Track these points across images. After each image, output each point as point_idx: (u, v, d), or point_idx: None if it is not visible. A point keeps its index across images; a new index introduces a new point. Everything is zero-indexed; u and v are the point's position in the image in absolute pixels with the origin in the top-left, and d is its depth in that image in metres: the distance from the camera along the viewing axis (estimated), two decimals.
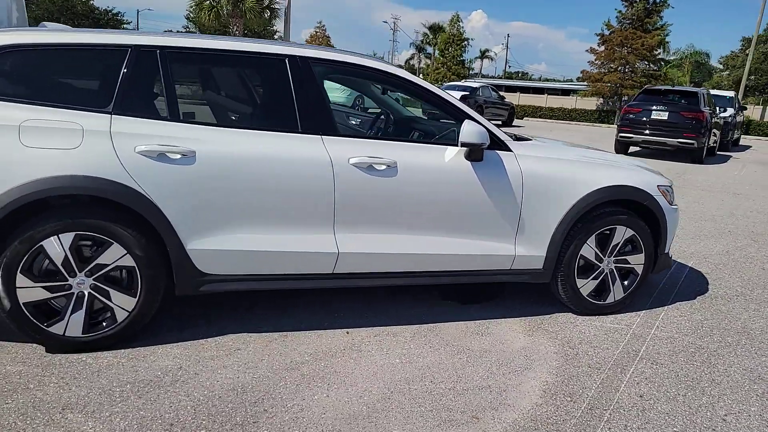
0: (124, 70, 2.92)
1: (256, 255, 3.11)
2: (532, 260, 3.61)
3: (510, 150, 3.51)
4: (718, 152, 16.80)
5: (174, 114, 3.00)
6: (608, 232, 3.72)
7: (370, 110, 5.76)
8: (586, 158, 3.80)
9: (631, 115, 15.26)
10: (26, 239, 2.74)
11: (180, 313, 3.43)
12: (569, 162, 3.68)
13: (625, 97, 32.13)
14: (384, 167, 3.23)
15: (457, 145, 3.38)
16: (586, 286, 3.75)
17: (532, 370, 3.05)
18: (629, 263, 3.83)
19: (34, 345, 2.95)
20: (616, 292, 3.83)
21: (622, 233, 3.74)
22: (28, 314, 2.82)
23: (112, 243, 2.87)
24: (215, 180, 2.97)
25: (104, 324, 2.96)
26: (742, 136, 22.15)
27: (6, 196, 2.66)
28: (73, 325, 2.88)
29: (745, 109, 24.15)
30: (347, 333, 3.38)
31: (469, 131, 3.26)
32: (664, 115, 14.64)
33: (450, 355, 3.18)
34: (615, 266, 3.80)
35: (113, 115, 2.88)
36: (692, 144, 13.88)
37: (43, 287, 2.82)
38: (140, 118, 2.93)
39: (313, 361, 3.01)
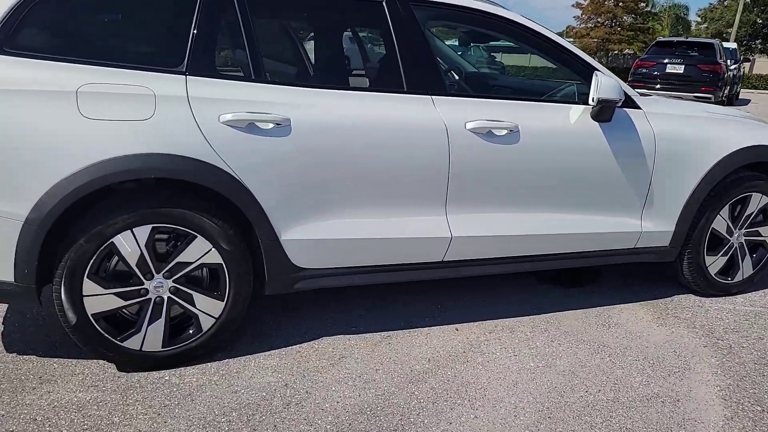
0: (197, 17, 2.31)
1: (358, 244, 2.58)
2: (658, 237, 3.13)
3: (639, 107, 2.99)
4: None
5: (260, 72, 2.41)
6: (742, 200, 3.25)
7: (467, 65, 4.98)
8: (720, 115, 3.30)
9: (644, 69, 14.76)
10: (94, 236, 2.18)
11: (252, 315, 2.92)
12: (704, 120, 3.17)
13: (615, 52, 31.56)
14: (504, 132, 2.69)
15: (579, 103, 2.85)
16: (715, 263, 3.29)
17: (692, 371, 2.60)
18: (761, 235, 3.38)
19: (101, 362, 2.42)
20: (745, 269, 3.38)
21: (757, 201, 3.26)
22: (98, 328, 2.28)
23: (196, 236, 2.32)
24: (314, 154, 2.41)
25: (188, 334, 2.43)
26: None
27: (66, 184, 2.09)
28: (152, 337, 2.36)
29: (748, 61, 23.74)
30: (457, 330, 2.90)
31: (606, 85, 2.72)
32: (680, 69, 14.17)
33: (588, 354, 2.72)
34: (745, 239, 3.34)
35: (188, 76, 2.28)
36: (710, 98, 13.41)
37: (115, 294, 2.27)
38: (221, 79, 2.34)
39: (436, 369, 2.53)
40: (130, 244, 2.23)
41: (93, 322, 2.26)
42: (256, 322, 2.83)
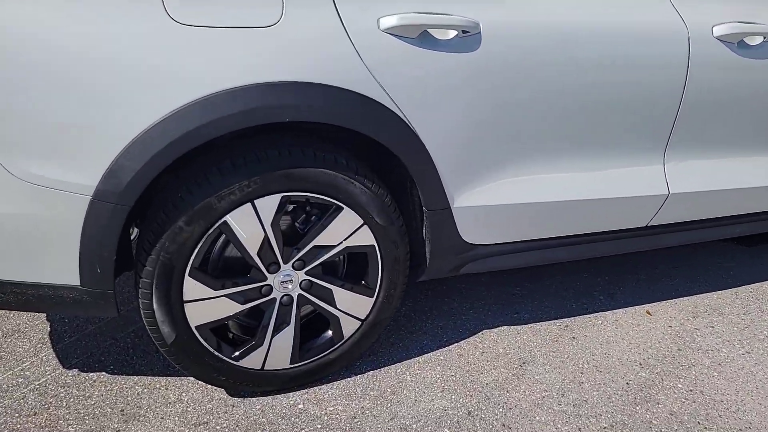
0: None
1: (547, 209, 1.81)
2: None
3: None
4: None
5: None
6: None
7: None
8: None
9: None
10: (198, 214, 1.41)
11: None
12: None
13: None
14: (760, 41, 1.87)
15: None
16: None
17: None
18: None
19: (200, 385, 1.72)
20: None
21: None
22: (205, 344, 1.55)
23: (342, 208, 1.55)
24: (509, 78, 1.59)
25: (323, 344, 1.71)
26: None
27: (157, 135, 1.29)
28: (278, 351, 1.63)
29: None
30: (649, 314, 2.19)
31: None
32: None
33: None
34: None
35: None
36: None
37: (228, 296, 1.53)
38: None
39: (659, 381, 1.83)
40: (250, 223, 1.46)
41: (198, 336, 1.53)
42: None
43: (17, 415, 1.59)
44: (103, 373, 1.76)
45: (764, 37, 1.86)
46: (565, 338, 2.02)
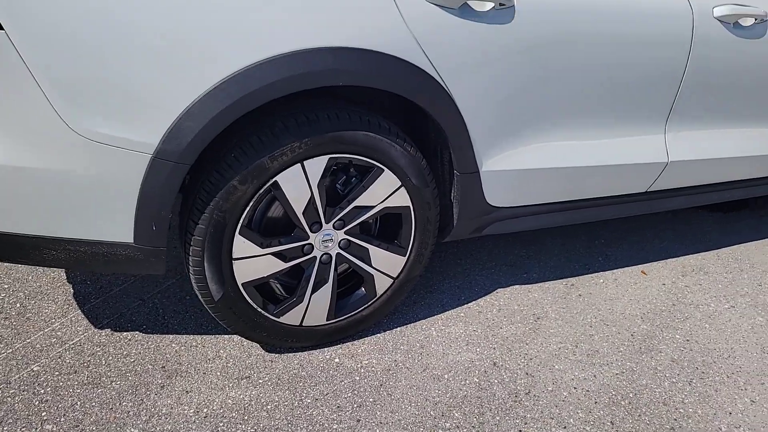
0: None
1: (564, 174, 1.92)
2: None
3: None
4: None
5: None
6: None
7: None
8: None
9: None
10: (252, 173, 1.44)
11: None
12: None
13: None
14: (752, 22, 2.01)
15: None
16: None
17: None
18: None
19: (236, 339, 1.77)
20: None
21: None
22: (250, 301, 1.61)
23: (383, 170, 1.62)
24: (537, 49, 1.66)
25: (357, 300, 1.79)
26: None
27: (220, 95, 1.31)
28: (316, 308, 1.70)
29: None
30: (644, 273, 2.35)
31: None
32: None
33: None
34: None
35: None
36: None
37: (274, 254, 1.58)
38: None
39: (660, 332, 1.99)
40: (298, 183, 1.51)
41: (244, 293, 1.58)
42: None
43: (57, 373, 1.61)
44: (137, 332, 1.79)
45: (756, 19, 2.00)
46: (572, 295, 2.16)
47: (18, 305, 1.87)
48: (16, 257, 1.40)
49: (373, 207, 1.66)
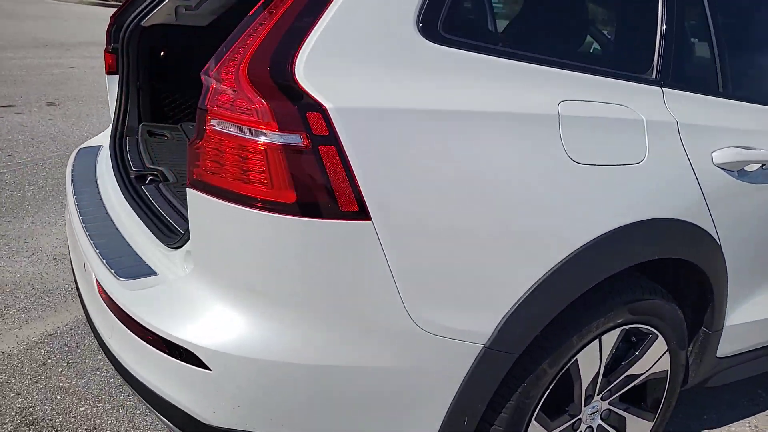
0: (663, 6, 1.45)
1: None
2: None
3: None
4: None
5: (727, 85, 1.59)
6: None
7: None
8: None
9: None
10: (560, 353, 1.31)
11: None
12: None
13: None
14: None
15: None
16: None
17: None
18: None
19: None
20: None
21: None
22: None
23: (657, 336, 1.52)
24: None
25: None
26: None
27: (556, 279, 1.20)
28: None
29: None
30: None
31: None
32: None
33: None
34: None
35: (665, 89, 1.44)
36: None
37: None
38: (697, 93, 1.52)
39: None
40: (592, 360, 1.39)
41: None
42: None
43: None
44: None
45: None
46: None
47: None
48: None
49: (640, 375, 1.54)
